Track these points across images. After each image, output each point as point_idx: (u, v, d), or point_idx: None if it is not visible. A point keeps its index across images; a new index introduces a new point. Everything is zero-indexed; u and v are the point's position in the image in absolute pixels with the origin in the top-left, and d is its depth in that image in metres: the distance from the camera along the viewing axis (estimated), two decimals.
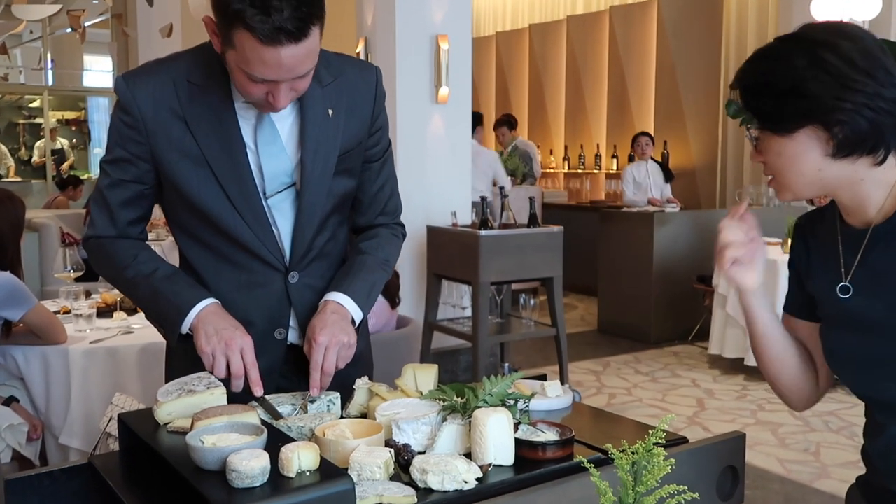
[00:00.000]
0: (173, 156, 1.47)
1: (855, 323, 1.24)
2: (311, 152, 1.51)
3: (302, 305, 1.58)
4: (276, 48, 1.28)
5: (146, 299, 1.52)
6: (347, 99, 1.55)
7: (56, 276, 3.17)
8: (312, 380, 1.46)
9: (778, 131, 1.19)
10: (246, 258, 1.53)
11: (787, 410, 4.65)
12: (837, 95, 1.13)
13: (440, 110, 5.15)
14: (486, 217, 4.46)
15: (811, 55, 1.15)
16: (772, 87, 1.18)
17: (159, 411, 1.28)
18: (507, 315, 4.88)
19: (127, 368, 2.63)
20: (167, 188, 1.52)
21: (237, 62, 1.33)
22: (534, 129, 10.23)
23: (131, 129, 1.46)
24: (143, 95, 1.45)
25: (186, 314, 1.45)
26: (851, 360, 1.26)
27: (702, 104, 7.97)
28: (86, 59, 11.15)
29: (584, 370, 5.55)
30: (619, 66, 8.85)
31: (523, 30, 10.36)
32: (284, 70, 1.32)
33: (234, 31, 1.29)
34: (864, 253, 1.23)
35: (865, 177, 1.19)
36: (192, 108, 1.45)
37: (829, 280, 1.28)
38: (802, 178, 1.20)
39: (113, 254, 1.52)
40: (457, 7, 5.16)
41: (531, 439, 1.30)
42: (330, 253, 1.62)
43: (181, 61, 1.48)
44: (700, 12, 7.97)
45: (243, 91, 1.39)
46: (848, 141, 1.15)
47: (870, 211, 1.22)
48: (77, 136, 11.89)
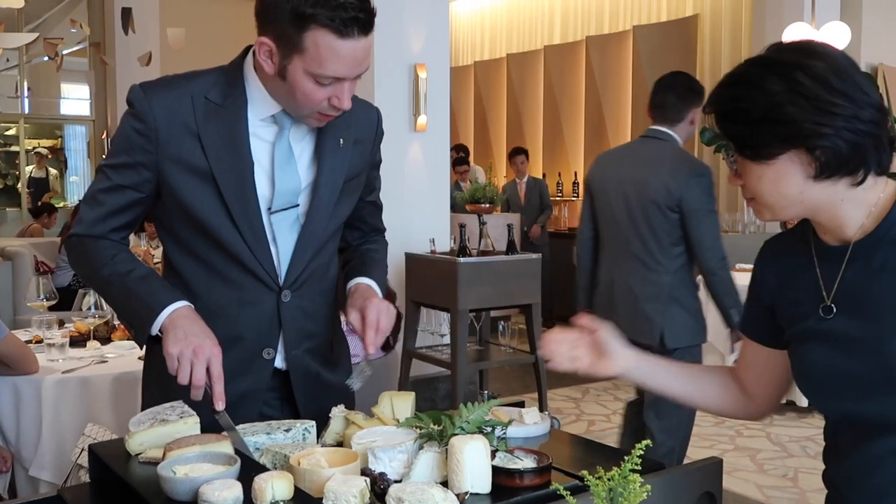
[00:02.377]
0: (180, 168, 1.48)
1: (836, 342, 1.22)
2: (324, 177, 1.56)
3: (290, 326, 1.59)
4: (349, 40, 1.38)
5: (119, 298, 1.51)
6: (354, 132, 1.62)
7: (29, 304, 3.13)
8: (368, 337, 1.49)
9: (756, 158, 1.18)
10: (240, 274, 1.54)
11: (765, 436, 4.66)
12: (816, 120, 1.12)
13: (419, 138, 5.17)
14: (465, 244, 4.46)
15: (785, 79, 1.13)
16: (747, 113, 1.17)
17: (131, 441, 1.26)
18: (486, 342, 4.87)
19: (100, 398, 2.59)
20: (167, 199, 1.52)
21: (307, 67, 1.39)
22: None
23: (142, 136, 1.48)
24: (159, 105, 1.47)
25: (158, 314, 1.43)
26: (830, 379, 1.24)
27: None
28: (63, 87, 11.10)
29: (564, 397, 5.54)
30: (595, 94, 8.95)
31: (501, 59, 10.46)
32: (354, 64, 1.41)
33: (306, 34, 1.37)
34: (845, 271, 1.22)
35: (846, 197, 1.18)
36: (206, 124, 1.48)
37: (807, 300, 1.26)
38: (783, 199, 1.19)
39: (92, 252, 1.52)
40: (435, 36, 5.20)
41: (508, 466, 1.29)
42: (322, 277, 1.64)
43: (201, 79, 1.52)
44: (674, 43, 8.10)
45: (307, 99, 1.43)
46: (829, 164, 1.14)
47: (848, 230, 1.21)
48: (53, 164, 11.80)
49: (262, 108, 1.52)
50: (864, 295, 1.20)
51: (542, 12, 10.10)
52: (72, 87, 11.06)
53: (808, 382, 1.28)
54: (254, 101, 1.51)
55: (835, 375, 1.23)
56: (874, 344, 1.17)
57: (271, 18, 1.40)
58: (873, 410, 1.20)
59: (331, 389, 1.66)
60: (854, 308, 1.21)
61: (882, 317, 1.18)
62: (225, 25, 10.03)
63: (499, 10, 10.83)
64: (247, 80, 1.52)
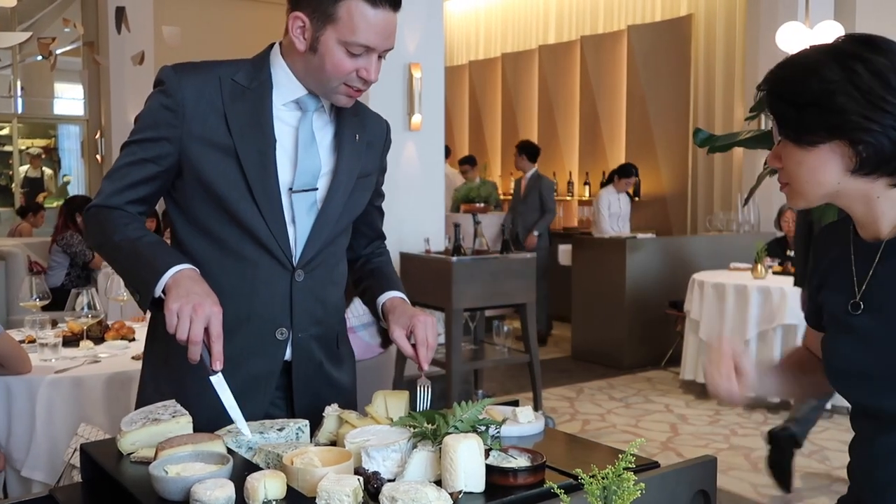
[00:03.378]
0: (204, 144, 1.52)
1: (861, 338, 1.23)
2: (342, 165, 1.62)
3: (301, 307, 1.61)
4: (381, 10, 1.48)
5: (127, 261, 1.51)
6: (368, 134, 1.70)
7: (22, 304, 3.11)
8: (421, 355, 1.56)
9: (799, 142, 1.18)
10: (255, 251, 1.56)
11: (760, 435, 4.67)
12: (865, 115, 1.12)
13: (413, 137, 5.17)
14: (459, 243, 4.46)
15: (844, 68, 1.13)
16: (799, 95, 1.16)
17: (123, 441, 1.25)
18: (481, 342, 4.87)
19: (93, 398, 2.57)
20: (187, 176, 1.55)
21: (340, 35, 1.47)
22: (507, 158, 10.29)
23: (169, 111, 1.52)
24: (188, 83, 1.52)
25: (162, 274, 1.43)
26: (853, 373, 1.26)
27: (672, 133, 8.08)
28: (56, 86, 11.07)
29: (558, 396, 5.54)
30: (590, 95, 8.96)
31: (496, 59, 10.46)
32: (384, 35, 1.50)
33: (340, 4, 1.46)
34: (876, 268, 1.23)
35: (881, 194, 1.19)
36: (232, 104, 1.53)
37: (841, 295, 1.28)
38: (820, 188, 1.20)
39: (107, 220, 1.53)
40: (429, 36, 5.20)
41: (502, 465, 1.28)
42: (333, 267, 1.68)
43: (228, 64, 1.58)
44: (669, 43, 8.11)
45: (336, 70, 1.50)
46: (871, 160, 1.14)
47: (882, 228, 1.22)
48: (47, 163, 11.76)
49: (287, 91, 1.58)
50: (890, 294, 1.21)
51: (537, 12, 10.10)
52: (65, 86, 11.02)
53: (832, 372, 1.31)
54: (279, 85, 1.57)
55: (856, 369, 1.24)
56: (892, 344, 1.18)
57: None
58: (890, 405, 1.21)
59: (330, 384, 1.68)
60: (879, 306, 1.22)
61: None
62: (219, 25, 10.04)
63: (493, 10, 10.83)
64: (273, 66, 1.58)
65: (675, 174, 8.14)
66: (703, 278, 5.55)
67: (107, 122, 9.58)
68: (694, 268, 6.09)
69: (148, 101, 1.57)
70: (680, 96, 7.97)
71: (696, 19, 8.01)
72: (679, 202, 8.12)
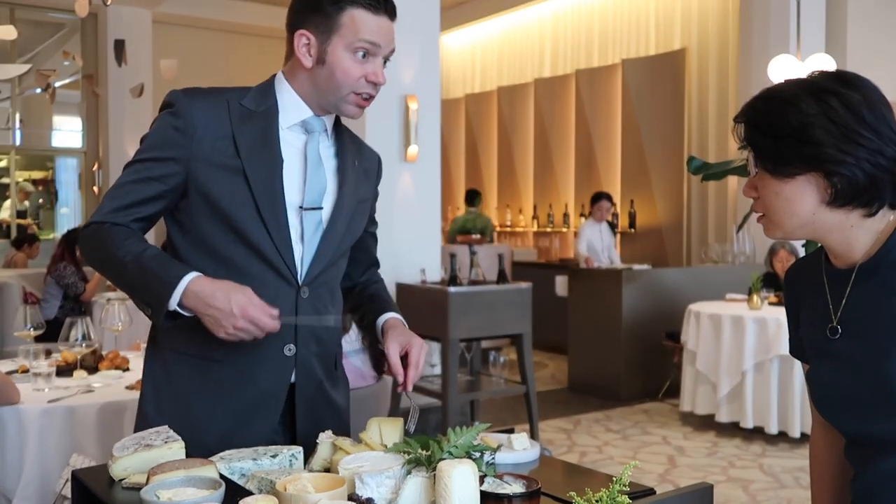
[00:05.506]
0: (212, 165, 1.55)
1: (842, 362, 1.25)
2: (347, 186, 1.66)
3: (305, 324, 1.63)
4: (380, 16, 1.57)
5: (134, 276, 1.51)
6: (364, 162, 1.76)
7: (16, 334, 3.10)
8: (410, 376, 1.60)
9: (775, 173, 1.21)
10: (261, 269, 1.58)
11: (758, 467, 4.64)
12: (840, 147, 1.15)
13: (409, 168, 5.19)
14: (456, 274, 4.47)
15: (819, 102, 1.17)
16: (776, 127, 1.20)
17: (115, 466, 1.24)
18: (477, 373, 4.85)
19: (86, 428, 2.55)
20: (193, 196, 1.56)
21: (345, 42, 1.55)
22: (503, 189, 10.35)
23: (178, 131, 1.55)
24: (198, 107, 1.56)
25: (175, 287, 1.45)
26: (837, 399, 1.27)
27: (666, 164, 8.13)
28: (55, 119, 11.12)
29: (555, 428, 5.51)
30: (585, 127, 9.03)
31: (492, 92, 10.55)
32: (385, 38, 1.58)
33: (342, 13, 1.54)
34: (850, 292, 1.25)
35: (855, 224, 1.21)
36: (240, 126, 1.58)
37: (819, 322, 1.30)
38: (795, 219, 1.22)
39: (108, 237, 1.54)
40: (426, 68, 5.25)
41: (497, 492, 1.27)
42: (333, 289, 1.72)
43: (235, 90, 1.63)
44: (663, 76, 8.19)
45: (346, 76, 1.56)
46: (845, 192, 1.17)
47: (855, 255, 1.24)
48: (44, 196, 11.78)
49: (293, 114, 1.62)
50: (865, 317, 1.23)
51: (533, 46, 10.22)
52: (64, 119, 11.08)
53: (818, 401, 1.32)
54: (284, 109, 1.62)
55: (841, 395, 1.25)
56: (873, 365, 1.20)
57: (308, 13, 1.57)
58: (878, 430, 1.22)
59: (329, 405, 1.70)
60: (856, 330, 1.24)
61: (879, 338, 1.20)
62: (217, 58, 10.13)
63: (490, 44, 10.95)
64: (278, 91, 1.63)
65: (671, 206, 8.18)
66: (699, 309, 5.55)
67: (104, 154, 9.62)
68: (690, 299, 6.09)
69: (156, 122, 1.59)
70: (674, 128, 8.04)
71: (689, 53, 8.11)
72: (674, 234, 8.14)
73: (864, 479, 1.28)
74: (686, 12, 8.29)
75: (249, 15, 10.14)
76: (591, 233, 7.26)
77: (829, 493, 1.45)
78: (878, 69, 6.44)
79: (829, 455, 1.44)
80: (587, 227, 7.34)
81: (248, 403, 1.60)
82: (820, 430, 1.45)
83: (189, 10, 9.96)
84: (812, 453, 1.50)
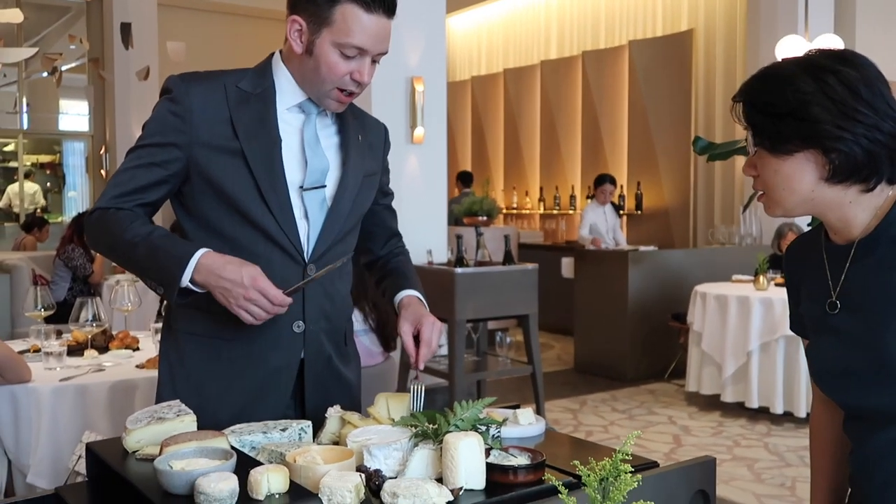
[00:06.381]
0: (211, 149, 1.56)
1: (840, 337, 1.27)
2: (349, 163, 1.67)
3: (312, 301, 1.66)
4: (374, 16, 1.53)
5: (144, 258, 1.53)
6: (369, 136, 1.77)
7: (27, 314, 3.13)
8: (421, 354, 1.62)
9: (774, 151, 1.22)
10: (266, 248, 1.60)
11: (763, 446, 4.67)
12: (838, 124, 1.16)
13: (415, 150, 5.20)
14: (462, 255, 4.48)
15: (817, 80, 1.18)
16: (774, 106, 1.21)
17: (128, 439, 1.27)
18: (484, 353, 4.88)
19: (97, 406, 2.58)
20: (196, 180, 1.58)
21: (335, 38, 1.53)
22: (509, 171, 10.34)
23: (177, 117, 1.56)
24: (195, 91, 1.57)
25: (186, 263, 1.47)
26: (836, 373, 1.29)
27: (673, 146, 8.11)
28: (62, 103, 11.13)
29: (561, 408, 5.54)
30: (592, 109, 9.00)
31: (498, 74, 10.53)
32: (377, 39, 1.55)
33: (335, 7, 1.51)
34: (849, 268, 1.27)
35: (854, 200, 1.23)
36: (238, 109, 1.58)
37: (819, 297, 1.31)
38: (795, 196, 1.23)
39: (113, 221, 1.55)
40: (432, 50, 5.24)
41: (502, 464, 1.30)
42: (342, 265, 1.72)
43: (232, 73, 1.64)
44: (670, 57, 8.15)
45: (331, 72, 1.55)
46: (843, 168, 1.18)
47: (854, 231, 1.26)
48: (51, 179, 11.82)
49: (290, 97, 1.63)
50: (864, 291, 1.24)
51: (539, 28, 10.17)
52: (70, 102, 11.09)
53: (818, 375, 1.34)
54: (282, 91, 1.63)
55: (839, 369, 1.27)
56: (871, 338, 1.22)
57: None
58: (876, 403, 1.24)
59: (339, 380, 1.73)
60: (855, 304, 1.26)
61: (878, 312, 1.22)
62: (222, 41, 10.12)
63: (495, 26, 10.90)
64: (275, 72, 1.64)
65: (677, 188, 8.17)
66: (705, 290, 5.56)
67: (111, 138, 9.64)
68: (696, 280, 6.10)
69: (155, 108, 1.60)
70: (681, 110, 8.01)
71: (696, 34, 8.07)
72: (681, 216, 8.14)
73: (862, 451, 1.30)
74: None
75: None
76: (594, 215, 7.26)
77: (827, 467, 1.48)
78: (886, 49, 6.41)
79: (828, 430, 1.46)
80: (590, 209, 7.34)
81: (260, 381, 1.63)
82: (820, 405, 1.48)
83: None
84: (812, 428, 1.52)
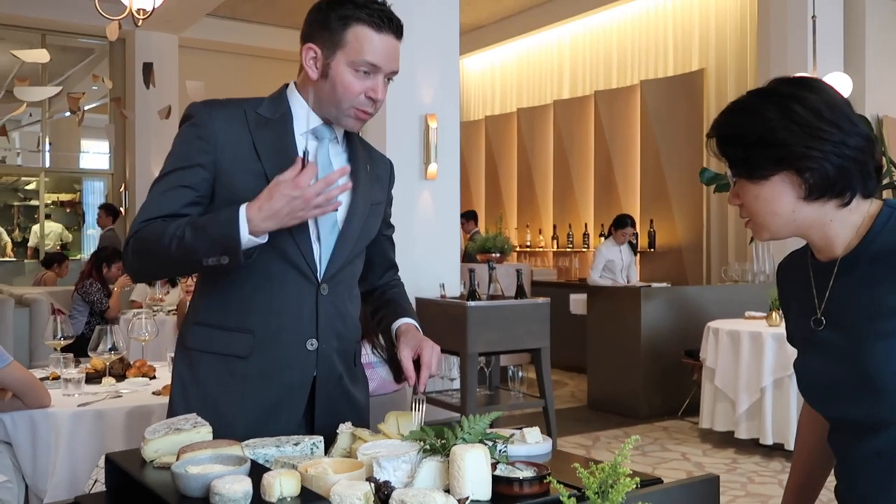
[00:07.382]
0: (234, 170, 1.63)
1: (826, 352, 1.32)
2: (359, 188, 1.74)
3: (325, 319, 1.70)
4: (384, 35, 1.63)
5: (194, 240, 1.53)
6: (377, 168, 1.85)
7: (46, 343, 3.20)
8: (423, 377, 1.67)
9: (751, 178, 1.29)
10: (282, 268, 1.65)
11: (778, 483, 4.62)
12: (806, 144, 1.24)
13: (429, 186, 5.28)
14: (475, 288, 4.52)
15: (780, 107, 1.26)
16: (743, 137, 1.29)
17: (146, 448, 1.31)
18: (496, 387, 4.88)
19: (114, 431, 2.63)
20: (220, 200, 1.63)
21: (348, 57, 1.62)
22: (523, 209, 10.41)
23: (202, 140, 1.64)
24: (217, 116, 1.66)
25: (237, 220, 1.48)
26: (822, 386, 1.34)
27: (686, 184, 8.16)
28: (83, 142, 11.36)
29: (574, 444, 5.52)
30: (604, 147, 9.09)
31: (511, 114, 10.66)
32: (388, 57, 1.65)
33: (348, 30, 1.62)
34: (833, 285, 1.32)
35: (834, 218, 1.29)
36: (258, 131, 1.67)
37: (806, 313, 1.37)
38: (778, 218, 1.30)
39: (149, 233, 1.58)
40: (445, 87, 5.35)
41: (508, 476, 1.33)
42: (350, 287, 1.80)
43: (250, 100, 1.72)
44: (681, 96, 8.25)
45: (347, 91, 1.63)
46: (818, 185, 1.25)
47: (836, 249, 1.32)
48: (71, 217, 12.01)
49: (304, 122, 1.71)
50: (846, 308, 1.30)
51: (552, 68, 10.33)
52: (91, 142, 11.32)
53: (805, 388, 1.39)
54: (297, 117, 1.71)
55: (825, 383, 1.33)
56: (854, 353, 1.27)
57: (317, 27, 1.65)
58: (859, 415, 1.29)
59: (348, 400, 1.77)
60: (838, 320, 1.31)
61: (859, 328, 1.27)
62: (240, 81, 10.32)
63: (509, 66, 11.07)
64: (290, 100, 1.73)
65: (690, 225, 8.20)
66: (718, 326, 5.56)
67: (131, 176, 9.82)
68: (709, 317, 6.09)
69: (178, 134, 1.68)
70: (693, 148, 8.08)
71: (707, 73, 8.17)
72: (694, 253, 8.15)
73: (846, 462, 1.35)
74: (704, 33, 8.37)
75: (271, 40, 10.38)
76: (610, 253, 7.25)
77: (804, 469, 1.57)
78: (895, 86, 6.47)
79: (812, 438, 1.55)
80: (605, 247, 7.30)
81: (274, 399, 1.67)
82: (807, 415, 1.56)
83: (214, 35, 10.20)
84: (798, 435, 1.60)
